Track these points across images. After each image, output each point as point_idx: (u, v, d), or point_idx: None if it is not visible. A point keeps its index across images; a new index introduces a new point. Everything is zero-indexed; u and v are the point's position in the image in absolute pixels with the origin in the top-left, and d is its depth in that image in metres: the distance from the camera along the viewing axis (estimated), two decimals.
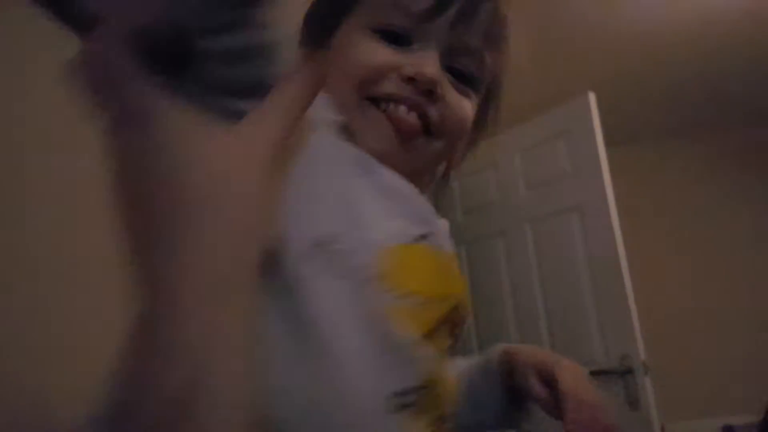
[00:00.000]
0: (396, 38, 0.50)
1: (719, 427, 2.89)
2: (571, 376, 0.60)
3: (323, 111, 0.45)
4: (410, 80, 0.49)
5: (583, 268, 2.30)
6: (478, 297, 2.63)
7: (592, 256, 2.28)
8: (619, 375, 2.14)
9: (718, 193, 3.47)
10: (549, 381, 0.61)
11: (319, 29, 0.52)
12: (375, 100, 0.50)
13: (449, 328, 0.47)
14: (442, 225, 0.54)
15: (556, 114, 2.47)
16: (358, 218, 0.41)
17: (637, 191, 3.42)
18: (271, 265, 0.35)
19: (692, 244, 3.45)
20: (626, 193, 2.70)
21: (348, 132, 0.48)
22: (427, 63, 0.49)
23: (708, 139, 3.55)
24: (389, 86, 0.49)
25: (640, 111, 3.28)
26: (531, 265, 2.47)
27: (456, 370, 0.64)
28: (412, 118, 0.50)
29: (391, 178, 0.47)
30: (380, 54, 0.50)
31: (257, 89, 0.28)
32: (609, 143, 2.39)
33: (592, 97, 2.37)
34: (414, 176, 0.51)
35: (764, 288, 3.26)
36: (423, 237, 0.46)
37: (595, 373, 2.18)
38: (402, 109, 0.49)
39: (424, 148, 0.52)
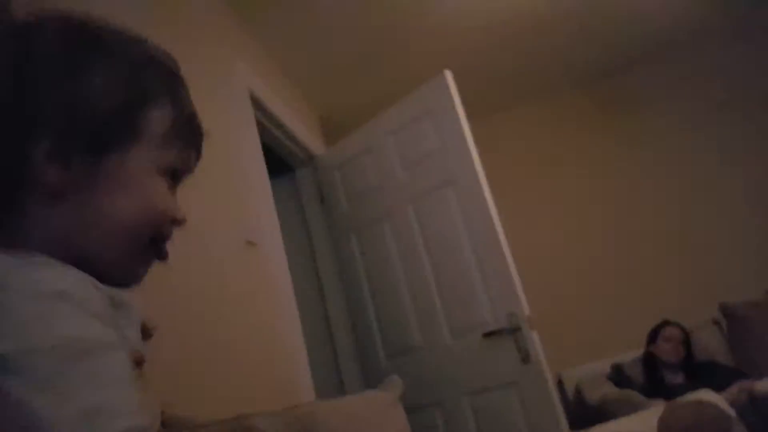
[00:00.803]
0: (173, 178, 0.57)
1: (609, 366, 3.11)
2: None
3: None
4: (176, 222, 0.56)
5: (464, 238, 2.40)
6: (372, 280, 2.68)
7: (470, 226, 2.38)
8: (509, 333, 2.26)
9: (575, 146, 3.73)
10: None
11: (93, 147, 0.50)
12: (153, 240, 0.55)
13: None
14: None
15: (419, 94, 2.55)
16: None
17: (503, 157, 3.61)
18: None
19: (559, 199, 3.69)
20: (493, 161, 2.84)
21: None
22: (177, 203, 0.57)
23: (553, 101, 3.79)
24: (167, 229, 0.56)
25: (496, 81, 3.46)
26: (417, 242, 2.55)
27: None
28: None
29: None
30: (168, 200, 0.55)
31: None
32: (471, 115, 2.50)
33: (449, 75, 2.47)
34: None
35: (633, 228, 3.56)
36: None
37: (488, 335, 2.29)
38: (166, 245, 0.56)
39: None
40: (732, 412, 1.45)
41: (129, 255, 0.52)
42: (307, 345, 2.06)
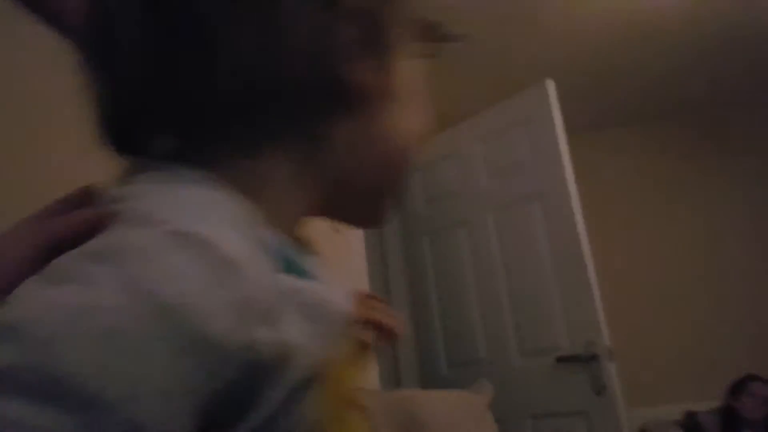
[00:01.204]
0: None
1: (682, 412, 2.91)
2: None
3: None
4: None
5: (546, 256, 2.29)
6: (441, 287, 2.60)
7: (555, 244, 2.27)
8: (584, 361, 2.13)
9: (676, 177, 3.53)
10: None
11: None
12: None
13: None
14: None
15: (516, 101, 2.46)
16: None
17: (597, 177, 3.45)
18: None
19: (653, 229, 3.50)
20: (587, 179, 2.71)
21: None
22: None
23: (663, 125, 3.61)
24: None
25: (599, 98, 3.32)
26: (494, 253, 2.45)
27: None
28: None
29: None
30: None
31: None
32: (569, 130, 2.40)
33: (551, 85, 2.37)
34: None
35: (726, 273, 3.33)
36: None
37: (561, 360, 2.17)
38: None
39: None
40: None
41: (391, 186, 0.41)
42: None
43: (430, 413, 0.84)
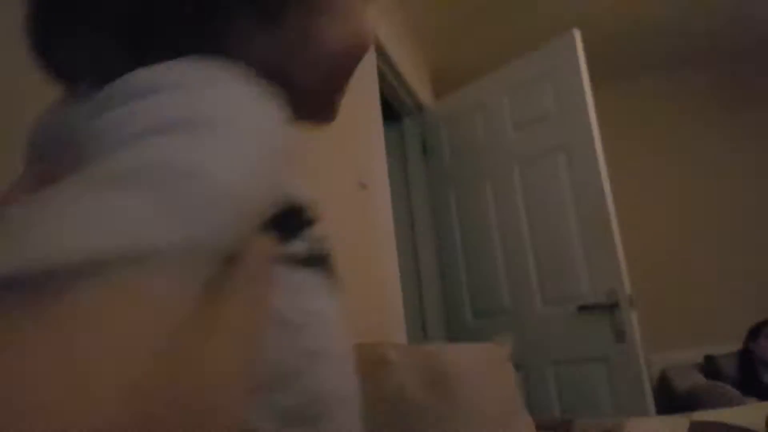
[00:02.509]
0: None
1: (702, 357, 2.99)
2: None
3: None
4: None
5: (570, 207, 2.33)
6: (466, 238, 2.67)
7: (579, 195, 2.30)
8: (606, 309, 2.20)
9: (700, 127, 3.48)
10: None
11: None
12: None
13: None
14: None
15: (542, 53, 2.44)
16: None
17: (622, 128, 3.42)
18: None
19: (676, 177, 3.48)
20: (612, 130, 2.70)
21: None
22: None
23: (688, 74, 3.53)
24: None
25: (625, 47, 3.24)
26: (519, 205, 2.50)
27: None
28: None
29: None
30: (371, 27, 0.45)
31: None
32: (594, 80, 2.38)
33: (577, 35, 2.34)
34: None
35: (744, 222, 3.33)
36: None
37: (583, 308, 2.24)
38: None
39: None
40: None
41: (333, 88, 0.45)
42: None
43: (455, 365, 0.92)
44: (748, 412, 1.58)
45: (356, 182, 1.77)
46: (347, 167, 1.77)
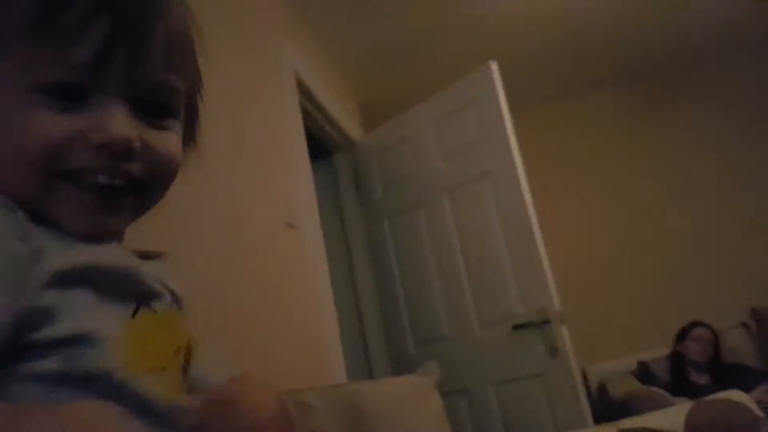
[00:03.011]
0: (66, 95, 0.43)
1: (636, 363, 3.11)
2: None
3: None
4: (102, 147, 0.43)
5: (498, 231, 2.42)
6: (404, 268, 2.72)
7: (505, 219, 2.40)
8: (538, 326, 2.28)
9: (615, 146, 3.69)
10: None
11: None
12: (65, 175, 0.43)
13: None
14: (154, 269, 0.50)
15: (462, 85, 2.55)
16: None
17: (544, 151, 3.58)
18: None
19: (596, 196, 3.67)
20: (534, 154, 2.83)
21: (38, 217, 0.42)
22: (113, 120, 0.43)
23: (603, 96, 3.74)
24: (79, 159, 0.43)
25: (543, 74, 3.42)
26: (451, 232, 2.57)
27: None
28: (117, 183, 0.45)
29: (97, 258, 0.44)
30: (57, 123, 0.42)
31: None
32: (516, 107, 2.50)
33: (494, 66, 2.46)
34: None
35: (663, 232, 3.52)
36: (137, 308, 0.46)
37: (517, 327, 2.32)
38: (102, 178, 0.44)
39: (134, 204, 0.47)
40: (760, 413, 1.46)
41: (40, 196, 0.43)
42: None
43: (374, 403, 0.95)
44: (671, 415, 1.65)
45: (283, 222, 1.79)
46: (274, 208, 1.79)
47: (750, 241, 3.37)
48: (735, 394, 1.74)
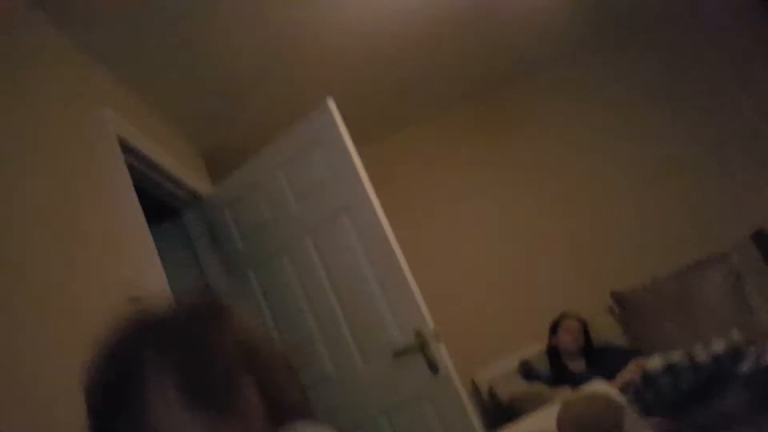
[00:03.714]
0: None
1: (518, 362, 3.25)
2: None
3: None
4: None
5: (365, 263, 2.42)
6: (276, 313, 2.64)
7: (369, 250, 2.41)
8: (417, 349, 2.30)
9: (463, 158, 3.89)
10: None
11: None
12: None
13: None
14: None
15: (303, 124, 2.55)
16: None
17: (396, 179, 3.70)
18: None
19: (452, 209, 3.85)
20: (388, 182, 2.90)
21: None
22: None
23: (442, 117, 3.94)
24: None
25: (382, 106, 3.53)
26: (319, 272, 2.54)
27: None
28: None
29: None
30: None
31: None
32: (363, 141, 2.54)
33: (331, 103, 2.49)
34: None
35: (522, 234, 3.76)
36: None
37: (398, 354, 2.32)
38: None
39: None
40: (623, 401, 1.56)
41: None
42: None
43: None
44: (546, 416, 1.71)
45: (125, 297, 1.65)
46: (116, 285, 1.66)
47: (606, 233, 3.69)
48: (600, 387, 1.87)
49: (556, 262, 3.67)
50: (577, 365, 3.07)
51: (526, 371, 3.15)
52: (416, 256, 2.68)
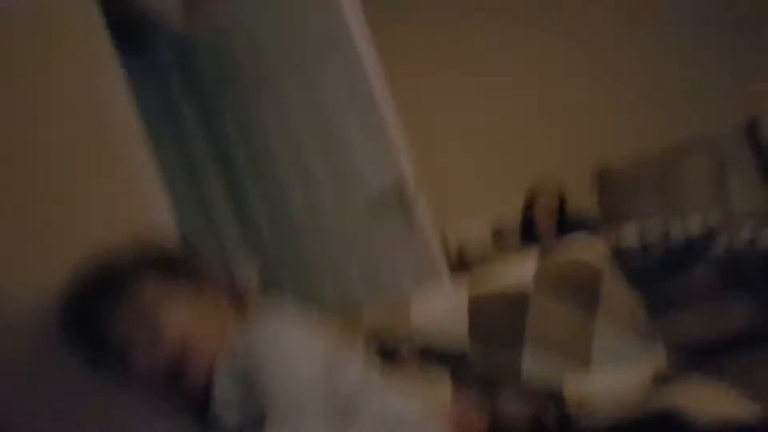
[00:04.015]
0: None
1: (491, 231, 3.25)
2: None
3: None
4: None
5: (348, 109, 2.28)
6: (252, 159, 2.54)
7: (353, 93, 2.26)
8: (396, 202, 2.22)
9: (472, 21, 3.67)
10: None
11: None
12: None
13: None
14: None
15: None
16: None
17: (390, 26, 3.43)
18: None
19: (447, 69, 3.68)
20: (381, 30, 2.64)
21: None
22: None
23: None
24: None
25: None
26: (299, 114, 2.40)
27: None
28: None
29: None
30: None
31: None
32: None
33: None
34: None
35: (511, 98, 3.65)
36: None
37: (374, 205, 2.25)
38: None
39: None
40: (603, 266, 1.49)
41: None
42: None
43: None
44: (522, 269, 1.61)
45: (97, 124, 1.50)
46: (83, 110, 1.49)
47: (592, 103, 3.57)
48: (580, 251, 1.78)
49: (542, 128, 3.59)
50: (550, 238, 3.09)
51: (499, 240, 3.18)
52: (407, 107, 2.52)
